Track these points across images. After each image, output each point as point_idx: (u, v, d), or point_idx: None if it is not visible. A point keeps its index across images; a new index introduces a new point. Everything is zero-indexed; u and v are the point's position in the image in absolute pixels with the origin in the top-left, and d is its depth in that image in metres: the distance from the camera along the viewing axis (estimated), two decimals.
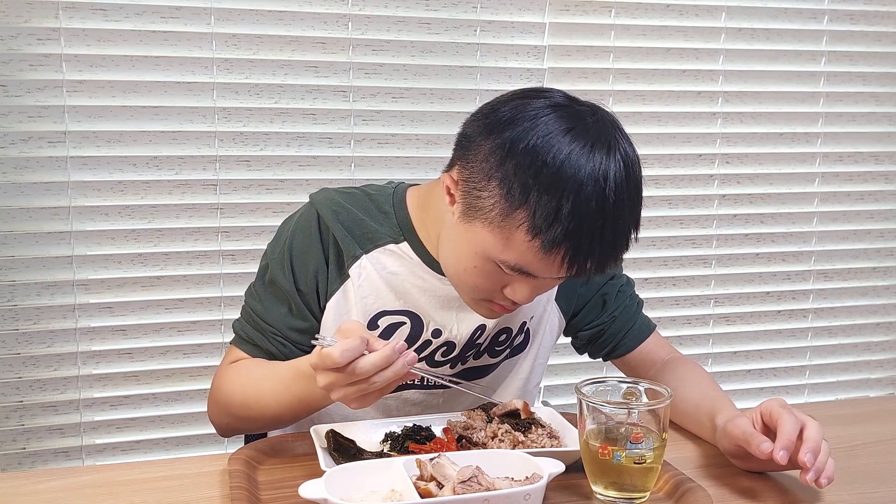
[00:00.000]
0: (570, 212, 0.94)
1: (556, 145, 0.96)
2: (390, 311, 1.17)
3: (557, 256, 0.97)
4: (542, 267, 0.99)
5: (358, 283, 1.15)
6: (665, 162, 2.16)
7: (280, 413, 1.12)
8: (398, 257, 1.16)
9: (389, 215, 1.18)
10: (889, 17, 2.26)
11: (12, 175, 1.73)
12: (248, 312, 1.21)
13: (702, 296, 2.25)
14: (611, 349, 1.30)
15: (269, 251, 1.21)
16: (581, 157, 0.95)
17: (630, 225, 1.00)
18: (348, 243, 1.15)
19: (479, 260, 1.02)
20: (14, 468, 1.79)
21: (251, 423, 1.18)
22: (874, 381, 2.41)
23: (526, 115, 0.99)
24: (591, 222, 0.95)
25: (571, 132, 0.97)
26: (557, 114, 0.99)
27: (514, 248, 0.98)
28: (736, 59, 2.17)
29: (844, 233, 2.33)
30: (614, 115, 1.03)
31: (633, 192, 0.99)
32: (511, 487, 0.86)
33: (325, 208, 1.17)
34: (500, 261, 1.01)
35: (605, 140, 0.97)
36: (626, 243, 1.01)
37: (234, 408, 1.15)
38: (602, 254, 0.99)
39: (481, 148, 1.01)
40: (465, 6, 1.95)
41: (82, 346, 1.81)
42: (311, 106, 1.89)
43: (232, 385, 1.16)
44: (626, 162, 0.98)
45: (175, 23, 1.78)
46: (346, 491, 0.87)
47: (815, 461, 0.93)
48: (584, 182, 0.94)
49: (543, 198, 0.94)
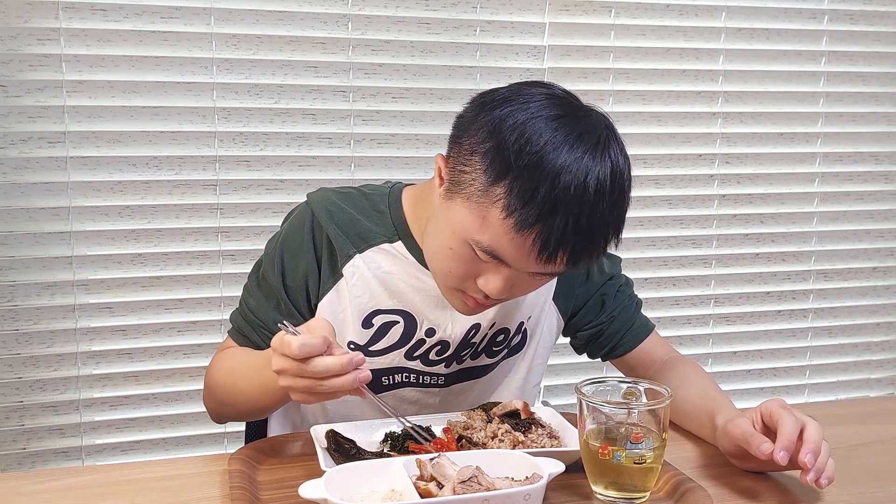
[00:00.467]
0: (546, 194, 0.94)
1: (542, 127, 0.96)
2: (384, 310, 1.17)
3: (528, 238, 0.96)
4: (514, 251, 0.98)
5: (352, 283, 1.16)
6: (665, 162, 2.16)
7: (251, 399, 1.13)
8: (392, 256, 1.17)
9: (384, 214, 1.18)
10: (889, 17, 2.26)
11: (12, 175, 1.74)
12: (242, 305, 1.23)
13: (702, 296, 2.25)
14: (610, 349, 1.30)
15: (267, 246, 1.23)
16: (565, 144, 0.95)
17: (610, 225, 0.99)
18: (342, 242, 1.16)
19: (456, 241, 1.02)
20: (14, 468, 1.79)
21: (232, 409, 1.20)
22: (874, 381, 2.41)
23: (520, 97, 1.00)
24: (565, 209, 0.94)
25: (561, 119, 0.97)
26: (551, 101, 0.99)
27: (488, 228, 0.98)
28: (736, 59, 2.18)
29: (844, 233, 2.33)
30: (613, 122, 1.03)
31: (617, 198, 0.99)
32: (511, 487, 0.86)
33: (319, 208, 1.18)
34: (474, 241, 1.00)
35: (593, 135, 0.97)
36: (605, 243, 1.01)
37: (218, 393, 1.19)
38: (576, 245, 0.97)
39: (472, 125, 1.02)
40: (465, 6, 1.95)
41: (82, 347, 1.81)
42: (311, 106, 1.89)
43: (217, 372, 1.19)
44: (614, 167, 0.97)
45: (175, 23, 1.78)
46: (346, 491, 0.87)
47: (815, 462, 0.92)
48: (565, 169, 0.94)
49: (522, 175, 0.94)
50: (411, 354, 1.18)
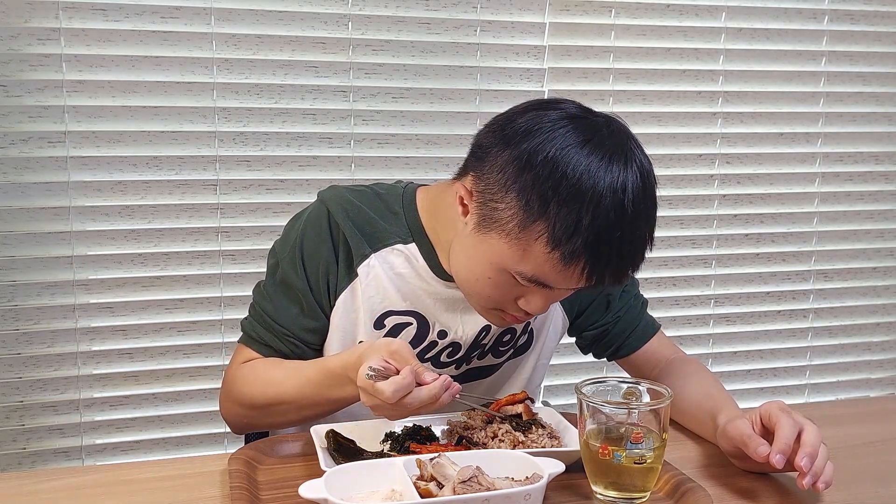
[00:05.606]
0: (590, 223, 0.95)
1: (574, 157, 0.96)
2: (397, 311, 1.17)
3: (577, 268, 0.98)
4: (560, 278, 1.00)
5: (366, 283, 1.15)
6: (665, 162, 2.16)
7: (309, 414, 1.13)
8: (405, 258, 1.16)
9: (399, 216, 1.18)
10: (889, 17, 2.26)
11: (12, 175, 1.73)
12: (258, 312, 1.20)
13: (702, 296, 2.25)
14: (615, 349, 1.30)
15: (277, 250, 1.21)
16: (600, 168, 0.96)
17: (648, 236, 1.02)
18: (358, 242, 1.15)
19: (494, 271, 1.03)
20: (14, 468, 1.79)
21: (274, 423, 1.19)
22: (874, 381, 2.41)
23: (542, 126, 1.00)
24: (609, 233, 0.96)
25: (589, 144, 0.98)
26: (574, 125, 1.00)
27: (531, 260, 0.99)
28: (736, 59, 2.17)
29: (844, 233, 2.33)
30: (627, 125, 1.05)
31: (650, 202, 1.02)
32: (511, 487, 0.86)
33: (335, 206, 1.17)
34: (516, 272, 1.01)
35: (621, 151, 0.99)
36: (643, 254, 1.03)
37: (256, 408, 1.16)
38: (620, 264, 1.00)
39: (497, 159, 1.02)
40: (465, 6, 1.95)
41: (82, 346, 1.81)
42: (311, 106, 1.89)
43: (251, 386, 1.16)
44: (643, 172, 1.00)
45: (175, 23, 1.78)
46: (346, 491, 0.87)
47: (811, 465, 0.92)
48: (604, 194, 0.96)
49: (563, 209, 0.95)
50: (423, 356, 1.18)
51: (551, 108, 1.03)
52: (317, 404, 1.11)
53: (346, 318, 1.17)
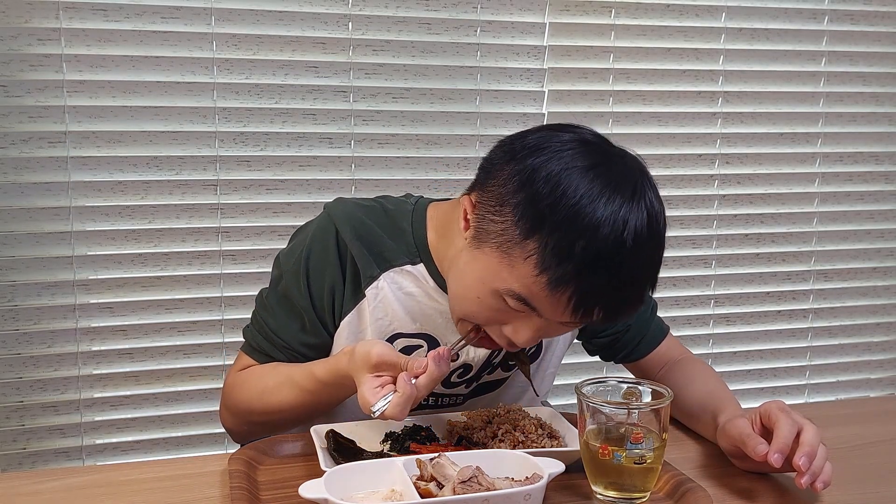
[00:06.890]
0: (583, 250, 0.90)
1: (577, 179, 0.92)
2: (406, 333, 1.14)
3: (563, 296, 0.92)
4: (547, 305, 0.95)
5: (374, 304, 1.12)
6: (665, 162, 2.16)
7: (304, 418, 1.13)
8: (414, 278, 1.13)
9: (406, 233, 1.14)
10: (889, 17, 2.26)
11: (12, 175, 1.73)
12: (260, 323, 1.19)
13: (702, 296, 2.25)
14: (625, 355, 1.29)
15: (282, 261, 1.18)
16: (602, 196, 0.91)
17: (647, 279, 0.97)
18: (366, 263, 1.12)
19: (483, 290, 0.98)
20: (14, 468, 1.79)
21: (272, 430, 1.18)
22: (874, 381, 2.41)
23: (551, 145, 0.96)
24: (603, 265, 0.91)
25: (595, 169, 0.93)
26: (584, 149, 0.95)
27: (518, 279, 0.94)
28: (736, 59, 2.17)
29: (844, 233, 2.33)
30: (645, 163, 1.00)
31: (654, 243, 0.95)
32: (511, 487, 0.86)
33: (344, 224, 1.13)
34: (504, 290, 0.96)
35: (629, 184, 0.94)
36: (641, 297, 0.98)
37: (254, 416, 1.16)
38: (613, 303, 0.95)
39: (501, 172, 0.98)
40: (465, 6, 1.95)
41: (82, 347, 1.81)
42: (311, 106, 1.89)
43: (248, 394, 1.15)
44: (651, 212, 0.94)
45: (175, 23, 1.78)
46: (346, 491, 0.87)
47: (810, 465, 0.92)
48: (602, 223, 0.90)
49: (557, 231, 0.90)
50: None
51: (565, 131, 0.99)
52: (314, 409, 1.13)
53: (351, 339, 1.14)
